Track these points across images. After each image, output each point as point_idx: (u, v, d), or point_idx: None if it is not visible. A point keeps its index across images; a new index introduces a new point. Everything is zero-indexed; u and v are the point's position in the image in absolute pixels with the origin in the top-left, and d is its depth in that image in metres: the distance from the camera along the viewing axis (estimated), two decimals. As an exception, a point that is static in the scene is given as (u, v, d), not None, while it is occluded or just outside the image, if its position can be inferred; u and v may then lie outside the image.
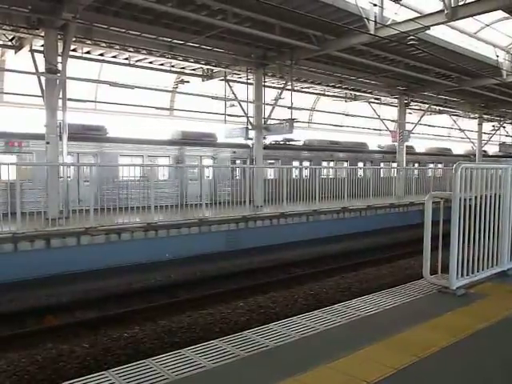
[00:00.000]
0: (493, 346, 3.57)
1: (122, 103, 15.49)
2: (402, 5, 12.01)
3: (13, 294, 8.27)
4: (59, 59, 10.91)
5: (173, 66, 16.22)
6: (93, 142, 14.71)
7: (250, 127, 15.63)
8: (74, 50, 13.11)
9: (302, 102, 22.23)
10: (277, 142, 20.55)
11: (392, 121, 23.06)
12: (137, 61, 15.22)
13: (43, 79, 10.95)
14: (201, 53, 14.17)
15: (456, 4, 10.88)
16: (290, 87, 15.80)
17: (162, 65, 15.79)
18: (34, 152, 13.37)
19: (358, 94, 21.36)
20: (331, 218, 14.23)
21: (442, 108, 24.85)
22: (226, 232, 11.74)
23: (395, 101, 21.79)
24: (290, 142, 21.14)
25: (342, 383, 2.87)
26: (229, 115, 16.59)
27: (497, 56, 16.84)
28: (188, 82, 18.28)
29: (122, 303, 8.46)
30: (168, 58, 14.63)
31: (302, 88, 20.24)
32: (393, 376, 2.97)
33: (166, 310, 8.07)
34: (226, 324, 7.16)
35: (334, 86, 20.14)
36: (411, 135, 21.20)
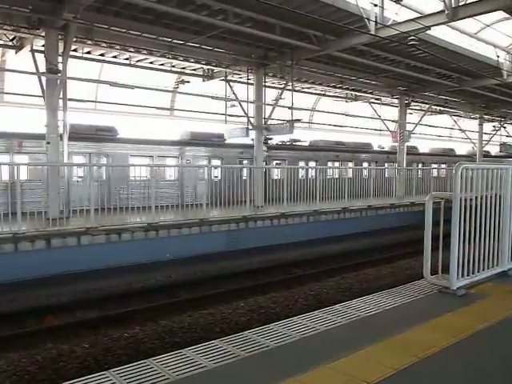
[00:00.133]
0: (493, 347, 3.57)
1: (122, 103, 15.49)
2: (403, 5, 12.00)
3: (13, 294, 8.27)
4: (60, 59, 10.92)
5: (173, 66, 16.23)
6: (104, 143, 14.91)
7: (250, 127, 15.63)
8: (75, 50, 13.12)
9: (303, 103, 22.23)
10: (283, 142, 20.62)
11: (392, 121, 23.06)
12: (137, 61, 15.24)
13: (44, 79, 10.96)
14: (201, 53, 14.17)
15: (456, 4, 10.88)
16: (290, 87, 15.80)
17: (162, 65, 15.80)
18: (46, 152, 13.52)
19: (358, 94, 21.37)
20: (332, 218, 14.23)
21: (442, 108, 24.85)
22: (227, 232, 11.75)
23: (396, 101, 21.79)
24: (296, 143, 21.21)
25: (342, 383, 2.87)
26: (229, 115, 16.61)
27: (497, 56, 16.84)
28: (188, 82, 18.27)
29: (123, 303, 8.45)
30: (168, 58, 14.64)
31: (303, 88, 20.25)
32: (393, 376, 2.97)
33: (166, 309, 8.07)
34: (226, 324, 7.17)
35: (334, 87, 20.14)
36: (412, 135, 21.19)
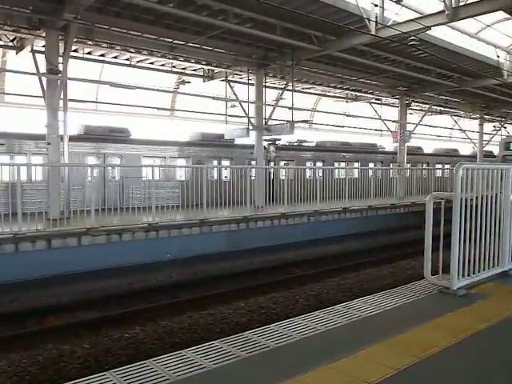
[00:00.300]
0: (494, 347, 3.57)
1: (123, 104, 15.50)
2: (403, 5, 12.00)
3: (14, 295, 8.28)
4: (60, 60, 10.93)
5: (174, 67, 16.24)
6: (118, 144, 15.08)
7: (250, 128, 15.63)
8: (75, 51, 13.12)
9: (303, 103, 22.23)
10: (290, 143, 20.69)
11: (393, 121, 23.05)
12: (138, 61, 15.25)
13: (44, 80, 10.96)
14: (202, 53, 14.17)
15: (457, 4, 10.88)
16: (290, 88, 15.79)
17: (163, 65, 15.81)
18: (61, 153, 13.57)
19: (358, 94, 21.37)
20: (332, 218, 14.24)
21: (443, 108, 24.84)
22: (227, 232, 11.76)
23: (396, 101, 21.79)
24: (303, 144, 21.29)
25: (342, 384, 2.87)
26: (230, 116, 16.61)
27: (498, 56, 16.83)
28: (189, 82, 18.28)
29: (123, 303, 8.45)
30: (169, 58, 14.65)
31: (303, 88, 20.24)
32: (394, 377, 2.96)
33: (166, 310, 8.06)
34: (226, 324, 7.16)
35: (334, 87, 20.15)
36: (412, 136, 21.18)
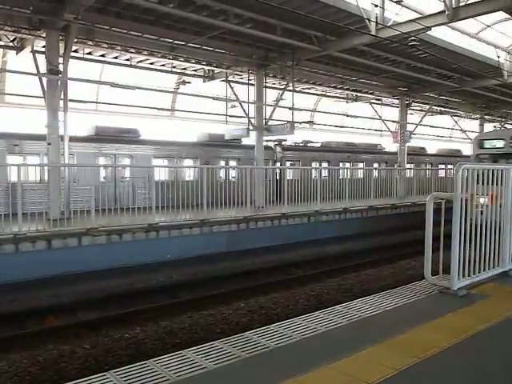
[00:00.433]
0: (494, 347, 3.57)
1: (123, 104, 15.49)
2: (403, 5, 12.00)
3: (14, 295, 8.28)
4: (61, 60, 10.93)
5: (174, 67, 16.24)
6: (128, 145, 15.16)
7: (251, 128, 15.63)
8: (76, 51, 13.12)
9: (304, 103, 22.22)
10: (296, 143, 20.74)
11: (393, 121, 23.05)
12: (138, 62, 15.25)
13: (45, 80, 10.96)
14: (202, 53, 14.17)
15: (457, 5, 10.86)
16: (291, 88, 15.79)
17: (163, 66, 15.82)
18: (75, 154, 13.71)
19: (359, 94, 21.38)
20: (333, 218, 14.24)
21: (443, 109, 24.82)
22: (227, 233, 11.75)
23: (396, 101, 21.78)
24: (308, 144, 21.34)
25: (343, 384, 2.87)
26: (230, 116, 16.61)
27: (498, 57, 16.82)
28: (189, 82, 18.28)
29: (124, 304, 8.44)
30: (169, 58, 14.65)
31: (304, 89, 20.24)
32: (394, 377, 2.97)
33: (167, 310, 8.06)
34: (227, 325, 7.16)
35: (335, 87, 20.15)
36: (412, 136, 21.16)
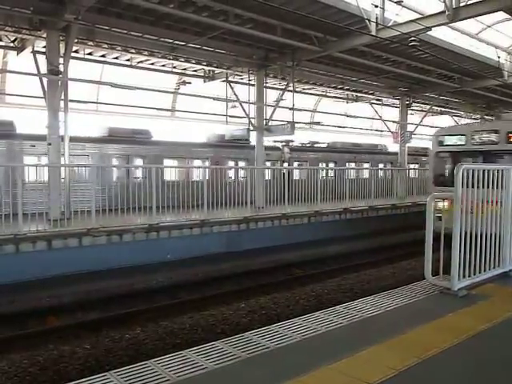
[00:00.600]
0: (495, 348, 3.57)
1: (123, 104, 15.49)
2: (404, 6, 12.00)
3: (15, 295, 8.28)
4: (61, 60, 10.92)
5: (174, 67, 16.24)
6: (140, 145, 15.25)
7: (251, 128, 15.63)
8: (76, 52, 13.10)
9: (304, 103, 22.22)
10: (303, 144, 20.84)
11: (393, 122, 23.04)
12: (138, 62, 15.24)
13: (45, 80, 10.97)
14: (202, 54, 14.16)
15: (457, 5, 10.85)
16: (291, 88, 15.78)
17: (163, 66, 15.82)
18: (90, 154, 13.91)
19: (359, 95, 21.37)
20: (333, 218, 14.25)
21: (443, 109, 24.81)
22: (228, 233, 11.75)
23: (397, 102, 21.77)
24: (315, 145, 21.41)
25: (343, 384, 2.87)
26: (230, 116, 16.61)
27: (498, 57, 16.82)
28: (190, 83, 18.28)
29: (124, 304, 8.45)
30: (170, 59, 14.64)
31: (304, 89, 20.24)
32: (395, 377, 2.96)
33: (167, 311, 8.06)
34: (227, 325, 7.16)
35: (335, 87, 20.15)
36: (412, 136, 21.15)
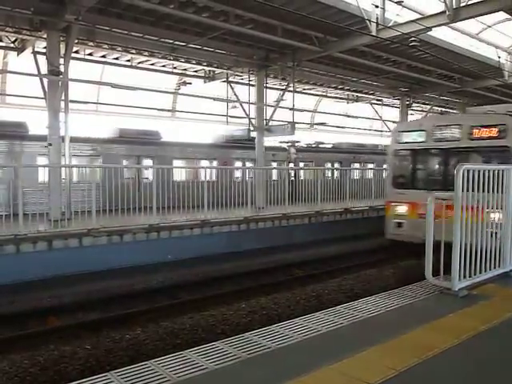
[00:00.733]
0: (495, 348, 3.57)
1: (124, 105, 15.50)
2: (404, 6, 12.01)
3: (15, 296, 8.28)
4: (61, 61, 10.94)
5: (175, 68, 16.26)
6: (150, 146, 15.33)
7: (251, 128, 15.63)
8: (77, 52, 13.13)
9: (304, 104, 22.23)
10: (308, 145, 20.90)
11: (394, 122, 23.03)
12: (139, 62, 15.26)
13: (46, 81, 10.97)
14: (203, 54, 14.18)
15: (458, 5, 10.86)
16: (291, 88, 15.79)
17: (164, 66, 15.84)
18: (102, 155, 14.00)
19: (359, 95, 21.39)
20: (333, 218, 14.25)
21: (443, 109, 24.82)
22: (228, 233, 11.75)
23: (397, 102, 21.78)
24: (320, 145, 21.47)
25: (344, 385, 2.87)
26: (231, 116, 16.62)
27: (498, 57, 16.82)
28: (190, 83, 18.29)
29: (124, 304, 8.44)
30: (170, 59, 14.66)
31: (304, 89, 20.25)
32: (395, 378, 2.96)
33: (168, 311, 8.05)
34: (227, 325, 7.15)
35: (335, 88, 20.16)
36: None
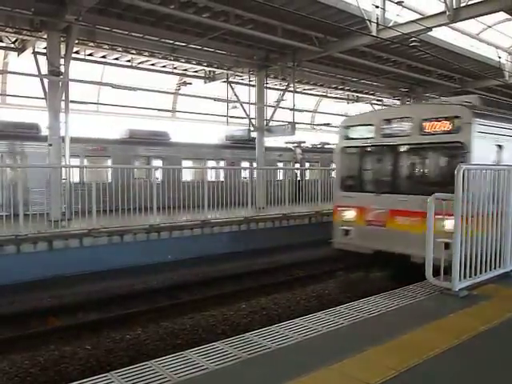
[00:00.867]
0: (495, 348, 3.56)
1: (124, 105, 15.50)
2: (404, 6, 12.01)
3: (15, 296, 8.28)
4: (62, 61, 10.94)
5: (175, 68, 16.27)
6: (159, 147, 15.52)
7: (252, 129, 15.63)
8: (77, 52, 13.14)
9: (304, 104, 22.22)
10: (314, 145, 21.02)
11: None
12: (139, 63, 15.27)
13: (46, 81, 10.98)
14: (203, 55, 14.19)
15: (458, 5, 10.86)
16: (292, 89, 15.80)
17: (164, 67, 15.85)
18: (112, 155, 14.20)
19: (360, 95, 21.39)
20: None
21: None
22: (228, 233, 11.75)
23: (397, 102, 21.78)
24: (325, 146, 21.53)
25: (344, 385, 2.87)
26: (231, 117, 16.63)
27: (499, 57, 16.82)
28: (190, 83, 18.30)
29: (125, 305, 8.44)
30: (170, 59, 14.66)
31: (304, 90, 20.25)
32: (395, 378, 2.96)
33: (168, 311, 8.05)
34: (228, 326, 7.16)
35: (336, 88, 20.16)
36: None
